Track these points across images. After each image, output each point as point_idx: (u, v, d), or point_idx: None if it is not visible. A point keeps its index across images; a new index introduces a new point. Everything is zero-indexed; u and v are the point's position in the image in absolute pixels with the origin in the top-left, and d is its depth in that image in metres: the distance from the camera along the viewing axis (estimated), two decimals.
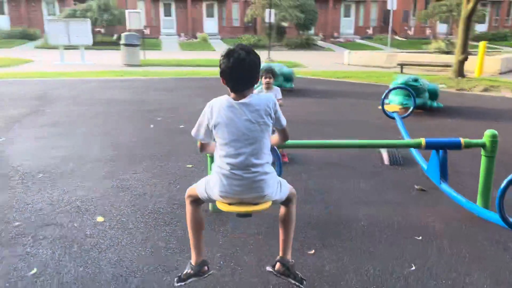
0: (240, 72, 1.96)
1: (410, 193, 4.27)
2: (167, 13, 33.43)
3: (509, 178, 2.35)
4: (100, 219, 3.59)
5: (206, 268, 2.31)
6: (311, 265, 2.97)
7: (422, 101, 7.88)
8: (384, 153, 5.19)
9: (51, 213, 3.69)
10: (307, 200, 4.06)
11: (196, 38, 31.47)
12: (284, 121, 2.20)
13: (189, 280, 2.32)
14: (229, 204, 2.11)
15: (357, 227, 3.54)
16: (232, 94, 2.03)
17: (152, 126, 6.87)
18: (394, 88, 5.31)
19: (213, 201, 2.27)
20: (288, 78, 10.28)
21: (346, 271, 2.90)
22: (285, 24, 29.28)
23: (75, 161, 5.05)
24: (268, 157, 2.08)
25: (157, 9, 33.10)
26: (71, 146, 5.65)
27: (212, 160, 3.64)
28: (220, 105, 2.02)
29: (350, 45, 29.74)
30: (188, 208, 2.24)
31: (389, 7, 18.94)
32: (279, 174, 2.76)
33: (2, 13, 32.23)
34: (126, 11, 18.33)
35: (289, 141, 3.62)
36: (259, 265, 2.93)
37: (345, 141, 3.87)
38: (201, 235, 2.35)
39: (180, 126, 6.84)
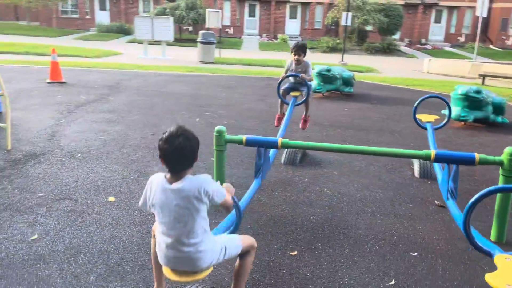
0: (175, 157, 2.03)
1: (427, 208, 4.02)
2: (252, 14, 34.19)
3: (476, 196, 2.16)
4: (111, 199, 3.88)
5: None
6: (287, 265, 2.96)
7: (484, 115, 7.29)
8: (416, 165, 4.94)
9: (73, 189, 4.05)
10: (312, 203, 4.01)
11: (276, 39, 31.80)
12: (219, 199, 2.14)
13: None
14: (174, 273, 2.16)
15: (353, 235, 3.44)
16: (169, 175, 2.09)
17: (197, 119, 7.16)
18: (427, 97, 5.00)
19: None
20: (347, 82, 10.07)
21: (319, 277, 2.85)
22: (367, 28, 28.47)
23: (114, 146, 5.46)
24: (202, 235, 2.09)
25: (242, 10, 33.98)
26: (116, 132, 6.10)
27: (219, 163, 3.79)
28: (156, 186, 2.10)
29: (437, 52, 28.11)
30: (152, 240, 2.33)
31: (477, 13, 17.56)
32: (235, 228, 2.71)
33: (104, 9, 35.25)
34: (207, 10, 19.11)
35: (294, 142, 3.61)
36: None
37: (349, 146, 3.75)
38: (161, 269, 2.41)
39: (223, 122, 7.04)
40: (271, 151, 4.43)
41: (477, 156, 3.29)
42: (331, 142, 6.09)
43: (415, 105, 4.99)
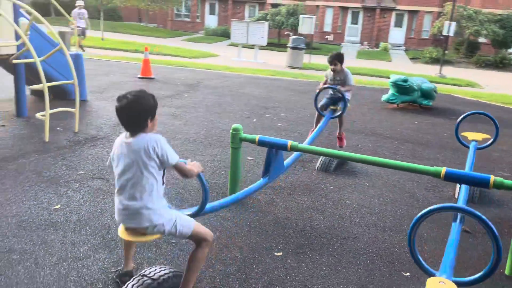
0: (122, 118, 2.20)
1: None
2: (354, 21, 33.54)
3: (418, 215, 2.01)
4: None
5: (126, 278, 2.55)
6: (265, 264, 3.01)
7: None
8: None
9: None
10: (325, 211, 3.96)
11: (377, 47, 30.80)
12: (173, 159, 2.26)
13: (116, 277, 2.63)
14: (126, 230, 2.33)
15: (350, 246, 3.34)
16: (128, 133, 2.27)
17: (254, 120, 7.36)
18: (471, 114, 4.55)
19: None
20: (426, 94, 9.48)
21: (291, 280, 2.85)
22: (479, 39, 26.21)
23: (168, 137, 5.88)
24: (150, 193, 2.22)
25: (345, 17, 33.50)
26: (174, 125, 6.56)
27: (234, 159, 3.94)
28: (117, 141, 2.31)
29: None
30: None
31: None
32: (203, 204, 2.79)
33: (213, 13, 37.36)
34: (301, 16, 19.26)
35: (304, 146, 3.61)
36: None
37: (360, 156, 3.60)
38: (130, 250, 2.61)
39: (279, 125, 7.16)
40: (294, 154, 4.45)
41: (492, 178, 2.99)
42: (380, 153, 5.89)
43: (457, 121, 4.61)
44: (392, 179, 4.92)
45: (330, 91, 5.40)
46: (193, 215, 2.78)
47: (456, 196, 4.50)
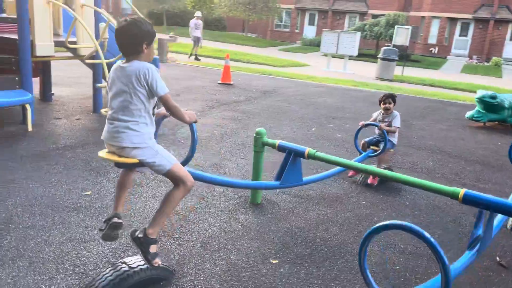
0: (120, 40, 2.33)
1: (481, 262, 3.29)
2: (463, 33, 31.11)
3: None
4: None
5: (116, 219, 2.67)
6: (255, 270, 2.96)
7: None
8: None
9: None
10: (345, 225, 3.76)
11: (488, 62, 28.19)
12: (161, 91, 2.33)
13: (105, 225, 2.75)
14: (107, 152, 2.49)
15: (354, 264, 3.13)
16: (124, 59, 2.42)
17: (314, 129, 7.23)
18: None
19: None
20: None
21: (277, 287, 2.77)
22: None
23: (216, 139, 6.08)
24: (137, 118, 2.34)
25: (453, 28, 31.25)
26: (230, 128, 6.72)
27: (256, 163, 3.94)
28: (114, 66, 2.45)
29: None
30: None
31: None
32: (190, 156, 2.85)
33: (312, 23, 37.46)
34: (396, 27, 18.44)
35: (322, 155, 3.46)
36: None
37: (372, 169, 3.34)
38: (121, 193, 2.73)
39: (337, 135, 6.95)
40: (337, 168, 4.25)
41: None
42: (438, 173, 5.43)
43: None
44: (438, 201, 4.48)
45: (377, 131, 5.07)
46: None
47: (508, 227, 3.97)
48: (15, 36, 5.67)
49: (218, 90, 10.37)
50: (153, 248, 2.52)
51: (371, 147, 5.02)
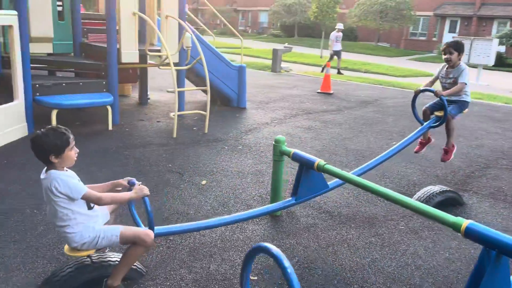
0: (32, 150, 2.39)
1: None
2: None
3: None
4: (204, 182, 4.50)
5: None
6: (228, 283, 2.81)
7: None
8: None
9: (205, 169, 4.89)
10: (353, 246, 3.33)
11: None
12: (77, 195, 2.37)
13: None
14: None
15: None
16: None
17: (394, 142, 6.58)
18: None
19: None
20: None
21: None
22: None
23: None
24: (68, 221, 2.41)
25: None
26: (301, 137, 6.52)
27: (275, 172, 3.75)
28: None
29: None
30: None
31: None
32: (149, 222, 2.70)
33: (453, 31, 34.27)
34: None
35: (332, 168, 3.17)
36: None
37: (370, 184, 2.83)
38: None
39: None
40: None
41: None
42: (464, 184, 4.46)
43: None
44: None
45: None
46: None
47: None
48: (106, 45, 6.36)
49: (312, 99, 10.16)
50: None
51: (435, 113, 4.32)
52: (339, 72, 16.35)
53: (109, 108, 6.15)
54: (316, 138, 6.60)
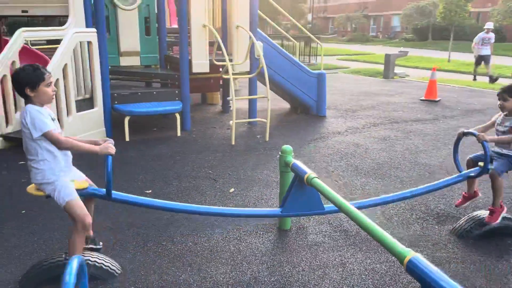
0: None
1: None
2: None
3: None
4: (231, 190, 4.48)
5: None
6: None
7: None
8: None
9: (241, 177, 4.90)
10: (348, 271, 2.96)
11: None
12: (35, 133, 2.50)
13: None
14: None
15: None
16: None
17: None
18: None
19: None
20: None
21: None
22: None
23: (340, 157, 5.61)
24: (36, 157, 2.56)
25: None
26: (368, 148, 6.03)
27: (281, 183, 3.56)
28: None
29: None
30: None
31: None
32: (108, 190, 2.77)
33: None
34: None
35: (321, 185, 2.95)
36: None
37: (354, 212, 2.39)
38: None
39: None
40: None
41: None
42: None
43: None
44: None
45: (493, 144, 3.58)
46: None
47: None
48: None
49: (410, 107, 9.30)
50: None
51: (479, 164, 3.62)
52: (491, 80, 13.46)
53: (177, 115, 6.52)
54: (386, 149, 6.03)
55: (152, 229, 3.59)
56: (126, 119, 6.24)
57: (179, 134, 6.60)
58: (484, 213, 3.58)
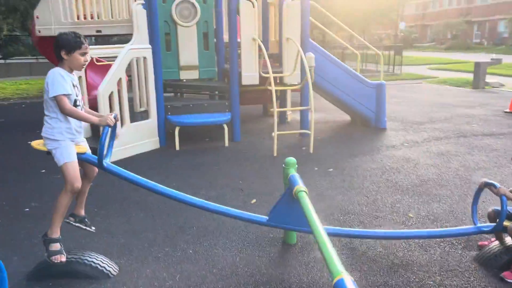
0: None
1: None
2: None
3: None
4: (253, 201, 4.47)
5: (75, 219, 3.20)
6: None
7: None
8: None
9: (269, 188, 4.89)
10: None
11: None
12: (51, 93, 2.70)
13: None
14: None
15: None
16: None
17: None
18: None
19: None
20: None
21: None
22: None
23: (382, 172, 5.31)
24: (51, 114, 2.77)
25: None
26: (415, 163, 5.61)
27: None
28: None
29: None
30: None
31: None
32: (99, 160, 2.88)
33: None
34: None
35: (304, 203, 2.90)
36: None
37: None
38: (80, 196, 3.15)
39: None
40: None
41: None
42: None
43: None
44: None
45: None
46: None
47: None
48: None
49: (488, 120, 8.43)
50: (53, 247, 2.90)
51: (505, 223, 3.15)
52: None
53: (225, 126, 6.69)
54: (438, 165, 5.55)
55: (161, 234, 3.73)
56: (177, 129, 6.56)
57: (226, 144, 6.74)
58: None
